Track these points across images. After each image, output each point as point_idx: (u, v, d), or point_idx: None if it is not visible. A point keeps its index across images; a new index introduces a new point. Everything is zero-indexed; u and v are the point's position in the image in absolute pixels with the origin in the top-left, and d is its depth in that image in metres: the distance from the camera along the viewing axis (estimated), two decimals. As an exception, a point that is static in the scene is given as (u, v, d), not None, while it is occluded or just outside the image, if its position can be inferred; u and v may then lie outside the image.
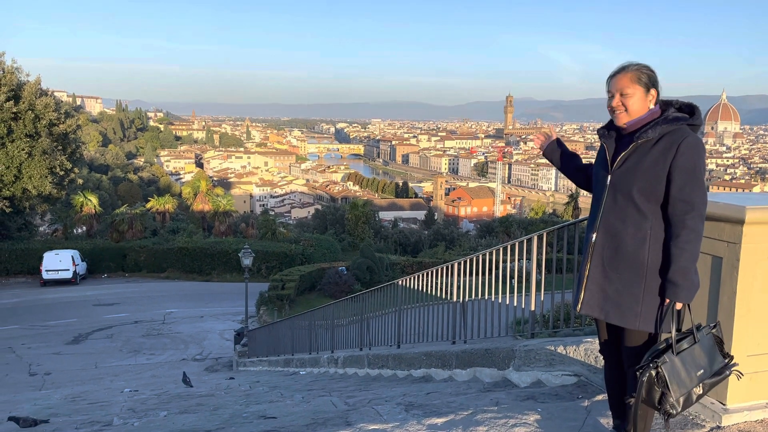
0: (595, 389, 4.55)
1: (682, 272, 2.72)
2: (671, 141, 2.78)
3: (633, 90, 2.87)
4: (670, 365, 2.73)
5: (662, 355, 2.75)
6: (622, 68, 2.92)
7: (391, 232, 54.62)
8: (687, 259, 2.72)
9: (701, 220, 2.77)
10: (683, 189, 2.74)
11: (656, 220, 2.82)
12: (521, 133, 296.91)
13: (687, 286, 2.73)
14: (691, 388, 2.76)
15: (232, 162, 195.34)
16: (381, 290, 10.14)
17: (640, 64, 2.93)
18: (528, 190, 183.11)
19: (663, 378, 2.72)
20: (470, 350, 6.61)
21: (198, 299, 32.20)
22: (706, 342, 2.83)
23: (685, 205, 2.74)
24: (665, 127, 2.81)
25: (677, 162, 2.74)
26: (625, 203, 2.86)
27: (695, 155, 2.75)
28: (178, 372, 15.43)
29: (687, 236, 2.73)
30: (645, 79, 2.88)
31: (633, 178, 2.83)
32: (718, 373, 2.84)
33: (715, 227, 3.67)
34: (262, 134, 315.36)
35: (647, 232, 2.83)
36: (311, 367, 12.46)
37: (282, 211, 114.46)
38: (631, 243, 2.85)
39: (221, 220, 46.67)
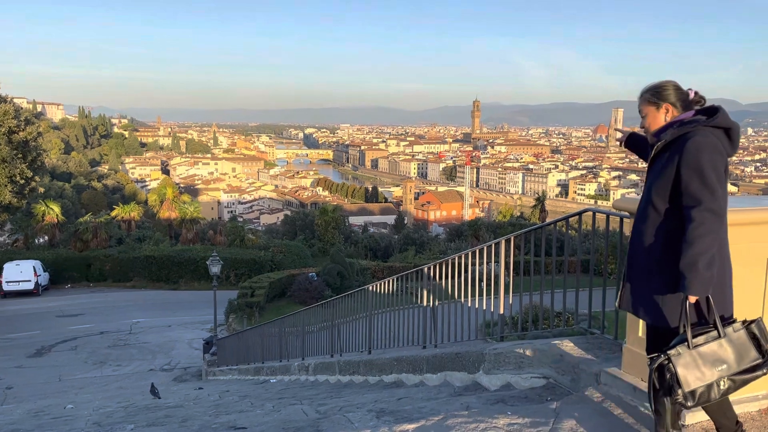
0: (563, 391, 4.61)
1: (690, 265, 2.77)
2: (681, 142, 2.92)
3: (646, 111, 3.16)
4: (681, 358, 2.78)
5: (674, 347, 2.82)
6: (639, 95, 3.19)
7: (361, 237, 54.54)
8: (694, 253, 2.76)
9: (711, 215, 2.79)
10: (689, 186, 2.84)
11: (673, 219, 2.94)
12: (489, 137, 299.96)
13: (695, 278, 2.76)
14: (709, 383, 2.78)
15: (199, 168, 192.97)
16: (351, 296, 10.11)
17: (648, 86, 3.17)
18: (496, 194, 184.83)
19: (672, 369, 2.78)
20: (441, 354, 6.63)
21: (165, 308, 31.66)
22: (737, 338, 2.84)
23: (691, 201, 2.84)
24: (678, 130, 2.96)
25: (682, 161, 2.87)
26: (647, 206, 3.05)
27: (700, 153, 2.84)
28: (146, 383, 15.13)
29: (694, 230, 2.78)
30: (651, 99, 3.12)
31: (652, 182, 3.03)
32: (750, 369, 2.83)
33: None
34: (230, 140, 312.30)
35: (663, 230, 2.97)
36: (282, 374, 12.35)
37: (251, 217, 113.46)
38: (653, 243, 3.00)
39: (188, 227, 45.99)
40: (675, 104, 3.08)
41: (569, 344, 5.06)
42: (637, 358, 4.15)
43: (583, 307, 5.63)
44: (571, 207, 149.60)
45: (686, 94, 3.09)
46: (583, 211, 5.49)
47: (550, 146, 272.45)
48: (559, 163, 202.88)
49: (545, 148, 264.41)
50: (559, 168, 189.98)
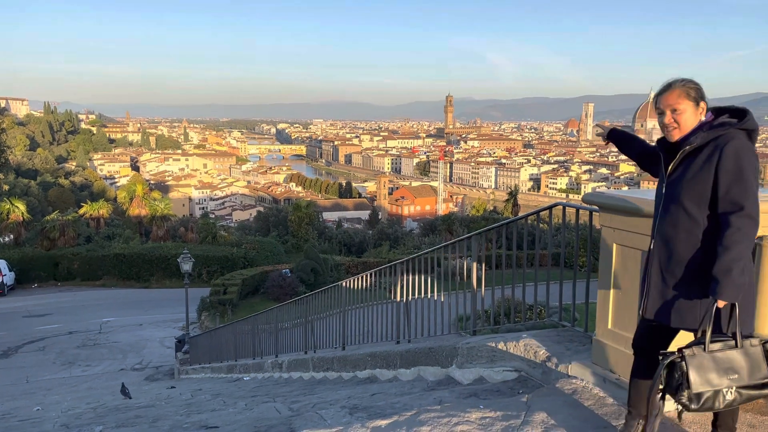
0: (534, 384, 4.65)
1: (724, 270, 2.72)
2: (715, 146, 2.82)
3: (684, 106, 2.92)
4: (695, 358, 2.75)
5: (690, 347, 2.79)
6: (669, 85, 2.97)
7: (335, 232, 54.42)
8: (730, 258, 2.72)
9: (750, 221, 2.76)
10: (729, 191, 2.77)
11: (707, 225, 2.87)
12: (461, 132, 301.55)
13: (727, 284, 2.72)
14: (717, 389, 2.75)
15: (169, 164, 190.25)
16: (325, 292, 10.07)
17: (685, 79, 2.97)
18: (469, 188, 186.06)
19: (684, 368, 2.75)
20: (414, 349, 6.65)
21: (136, 307, 31.19)
22: (753, 352, 2.82)
23: (731, 206, 2.77)
24: (710, 133, 2.86)
25: (722, 165, 2.78)
26: (676, 210, 2.93)
27: (740, 157, 2.78)
28: (116, 383, 14.89)
29: (731, 235, 2.74)
30: (693, 94, 2.93)
31: (682, 186, 2.90)
32: (759, 386, 2.80)
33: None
34: (201, 136, 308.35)
35: (699, 237, 2.88)
36: (255, 372, 12.26)
37: (223, 213, 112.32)
38: (684, 248, 2.91)
39: (159, 224, 45.32)
40: (707, 105, 2.97)
41: (541, 337, 5.11)
42: (606, 350, 4.20)
43: (554, 300, 5.68)
44: (543, 201, 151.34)
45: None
46: (554, 205, 5.53)
47: (523, 141, 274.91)
48: (531, 157, 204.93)
49: (517, 142, 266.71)
50: (532, 162, 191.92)
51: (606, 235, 4.20)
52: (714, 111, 2.98)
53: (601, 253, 4.22)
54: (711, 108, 2.98)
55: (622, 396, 3.96)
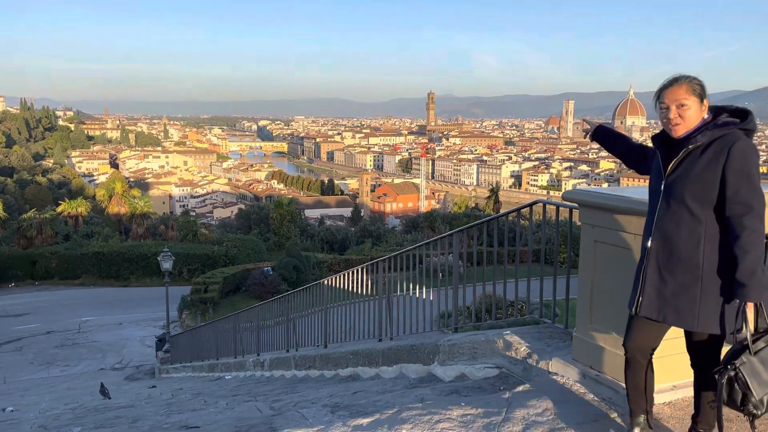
0: (515, 380, 4.68)
1: (750, 273, 2.72)
2: (722, 145, 2.82)
3: (690, 102, 2.91)
4: (748, 365, 2.74)
5: (739, 355, 2.76)
6: (675, 80, 2.95)
7: (317, 230, 54.27)
8: (752, 260, 2.73)
9: (760, 221, 2.78)
10: (739, 192, 2.77)
11: (710, 223, 2.86)
12: (443, 129, 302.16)
13: (755, 285, 2.73)
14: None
15: (149, 162, 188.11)
16: (307, 290, 10.03)
17: (690, 76, 2.95)
18: (451, 185, 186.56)
19: (743, 379, 2.73)
20: (396, 347, 6.65)
21: (116, 306, 30.85)
22: None
23: (742, 208, 2.77)
24: (715, 132, 2.85)
25: (730, 165, 2.78)
26: (678, 208, 2.91)
27: (748, 157, 2.79)
28: (96, 383, 14.72)
29: (748, 237, 2.74)
30: (699, 90, 2.92)
31: (685, 184, 2.88)
32: None
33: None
34: (181, 132, 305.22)
35: (701, 235, 2.87)
36: (237, 371, 12.19)
37: (203, 211, 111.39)
38: (686, 247, 2.90)
39: (139, 222, 44.84)
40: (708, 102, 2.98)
41: (522, 334, 5.14)
42: (585, 347, 4.24)
43: (535, 296, 5.72)
44: (525, 198, 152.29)
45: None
46: (534, 202, 5.56)
47: (504, 138, 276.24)
48: (513, 154, 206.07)
49: (499, 139, 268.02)
50: (513, 159, 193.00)
51: (585, 233, 4.23)
52: (712, 110, 2.98)
53: (581, 251, 4.25)
54: (710, 107, 2.98)
55: (602, 392, 4.00)
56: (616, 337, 3.97)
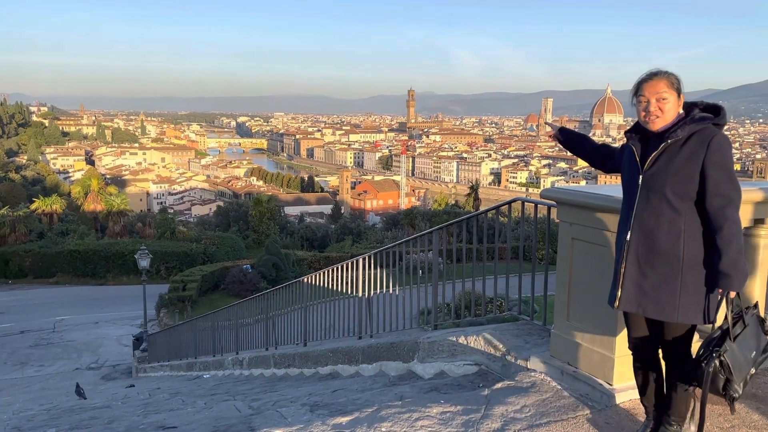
0: (494, 377, 4.70)
1: (733, 263, 2.81)
2: (701, 139, 2.88)
3: (669, 95, 2.96)
4: (731, 352, 2.84)
5: (722, 343, 2.86)
6: (655, 74, 2.99)
7: (297, 227, 54.01)
8: (735, 250, 2.81)
9: (737, 212, 2.87)
10: (719, 185, 2.84)
11: (689, 216, 2.93)
12: (423, 126, 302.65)
13: (738, 274, 2.82)
14: (748, 371, 2.89)
15: (126, 158, 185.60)
16: (287, 288, 9.98)
17: (668, 71, 3.01)
18: (431, 183, 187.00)
19: (727, 365, 2.83)
20: (376, 345, 6.64)
21: (92, 304, 30.42)
22: (752, 324, 2.96)
23: (723, 200, 2.84)
24: (693, 127, 2.92)
25: (709, 159, 2.84)
26: (658, 202, 2.94)
27: (725, 152, 2.87)
28: (71, 383, 14.51)
29: (730, 228, 2.82)
30: (677, 85, 2.98)
31: (665, 177, 2.92)
32: (764, 350, 2.96)
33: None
34: (158, 129, 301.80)
35: (681, 227, 2.92)
36: (215, 369, 12.10)
37: (181, 208, 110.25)
38: (666, 239, 2.94)
39: (115, 220, 44.26)
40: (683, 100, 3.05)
41: (500, 331, 5.16)
42: (563, 343, 4.27)
43: (514, 293, 5.75)
44: (504, 195, 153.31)
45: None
46: (513, 200, 5.59)
47: (483, 135, 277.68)
48: (492, 151, 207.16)
49: (478, 137, 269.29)
50: (492, 157, 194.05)
51: (563, 230, 4.26)
52: (684, 106, 3.03)
53: (559, 248, 4.28)
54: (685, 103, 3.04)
55: (579, 388, 4.03)
56: (593, 334, 4.01)
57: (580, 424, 3.62)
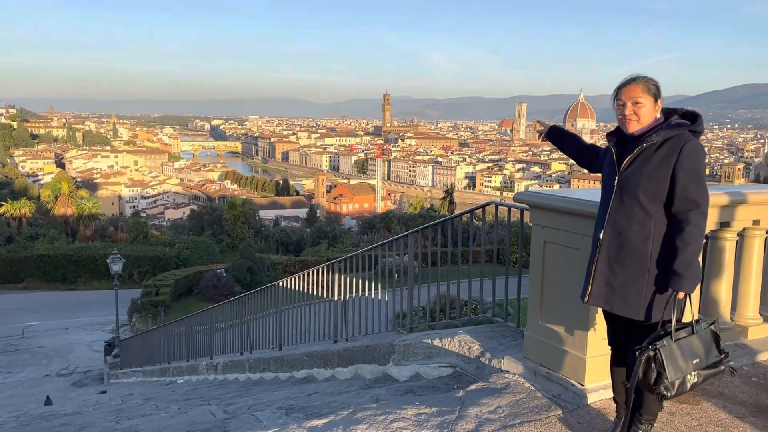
0: (469, 379, 4.75)
1: (687, 264, 2.90)
2: (674, 145, 2.98)
3: (645, 100, 3.06)
4: (668, 349, 2.92)
5: (661, 339, 2.94)
6: (633, 79, 3.09)
7: (272, 231, 53.73)
8: (691, 253, 2.91)
9: (704, 218, 2.95)
10: (687, 189, 2.93)
11: (659, 218, 3.02)
12: (399, 130, 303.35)
13: (690, 276, 2.91)
14: (686, 374, 2.94)
15: (97, 161, 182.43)
16: (262, 292, 9.93)
17: (647, 76, 3.10)
18: (407, 186, 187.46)
19: (660, 360, 2.90)
20: (352, 348, 6.65)
21: (62, 310, 29.85)
22: (704, 335, 3.03)
23: (689, 204, 2.93)
24: (668, 132, 3.01)
25: (680, 164, 2.94)
26: (631, 203, 3.05)
27: (697, 158, 2.95)
28: (41, 390, 14.26)
29: (691, 231, 2.92)
30: (654, 90, 3.07)
31: (638, 180, 3.02)
32: (713, 365, 3.01)
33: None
34: (131, 132, 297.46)
35: (651, 229, 3.02)
36: (189, 374, 11.97)
37: (154, 212, 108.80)
38: (636, 240, 3.05)
39: (87, 224, 43.58)
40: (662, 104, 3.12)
41: (475, 333, 5.22)
42: (536, 345, 4.34)
43: (488, 295, 5.81)
44: (479, 198, 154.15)
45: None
46: (487, 204, 5.66)
47: (458, 140, 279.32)
48: (467, 156, 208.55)
49: (453, 141, 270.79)
50: (467, 161, 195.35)
51: (536, 233, 4.33)
52: (664, 111, 3.13)
53: (532, 251, 4.35)
54: (662, 108, 3.13)
55: (552, 388, 4.10)
56: (565, 335, 4.08)
57: (552, 424, 3.69)
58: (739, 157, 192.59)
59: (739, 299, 4.89)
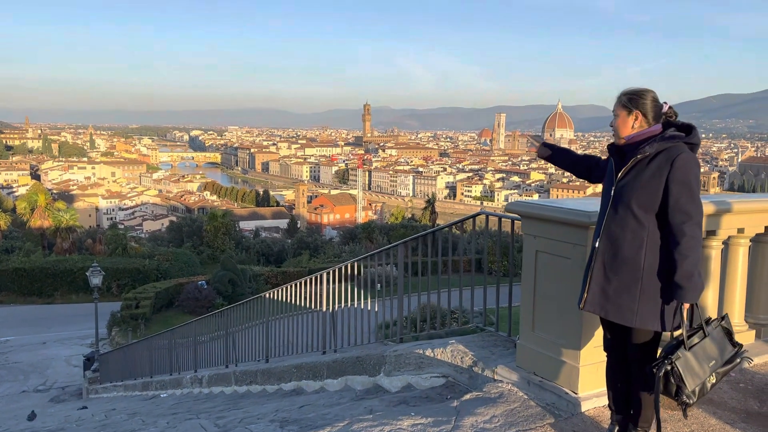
0: (462, 389, 4.76)
1: (687, 276, 2.96)
2: (667, 157, 3.05)
3: (618, 112, 3.22)
4: (683, 360, 2.98)
5: (675, 351, 3.00)
6: (618, 95, 3.24)
7: (253, 242, 53.37)
8: (690, 264, 2.96)
9: (698, 228, 3.01)
10: (679, 200, 3.00)
11: (652, 228, 3.09)
12: (380, 140, 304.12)
13: (692, 287, 2.97)
14: (704, 379, 3.00)
15: (74, 173, 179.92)
16: (247, 304, 9.86)
17: (626, 90, 3.23)
18: (388, 196, 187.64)
19: (678, 372, 2.96)
20: (341, 359, 6.63)
21: (39, 324, 29.32)
22: (716, 335, 3.10)
23: (682, 215, 3.00)
24: (662, 144, 3.08)
25: (673, 176, 3.01)
26: (625, 213, 3.14)
27: (689, 170, 3.02)
28: (18, 406, 13.97)
29: (687, 243, 2.97)
30: (625, 102, 3.19)
31: (632, 191, 3.12)
32: (729, 361, 3.09)
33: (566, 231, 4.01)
34: (108, 143, 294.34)
35: (644, 239, 3.10)
36: (173, 388, 11.81)
37: (133, 224, 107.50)
38: (629, 249, 3.13)
39: (64, 236, 42.89)
40: (646, 114, 3.17)
41: (466, 342, 5.23)
42: (529, 353, 4.37)
43: (479, 305, 5.84)
44: (459, 208, 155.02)
45: (660, 107, 3.20)
46: (477, 214, 5.70)
47: (439, 149, 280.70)
48: (447, 165, 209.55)
49: (434, 151, 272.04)
50: (447, 171, 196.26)
51: (527, 243, 4.37)
52: (664, 123, 3.22)
53: (524, 260, 4.39)
54: (663, 121, 3.21)
55: (545, 397, 4.14)
56: (558, 344, 4.12)
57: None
58: (714, 166, 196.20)
59: (725, 307, 4.97)
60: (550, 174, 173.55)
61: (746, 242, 4.96)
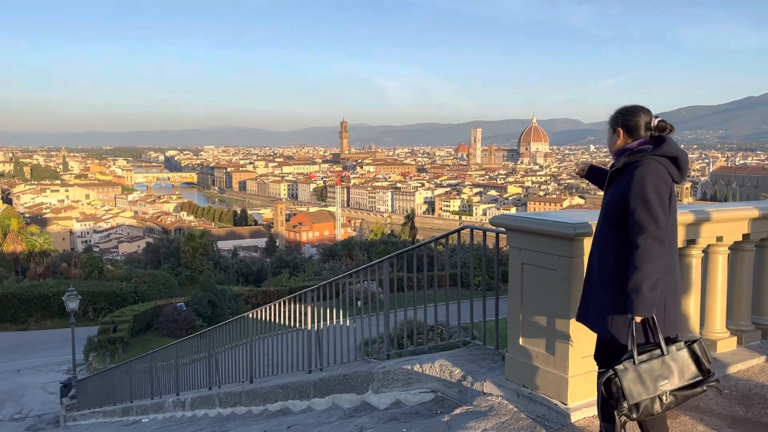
0: (452, 403, 4.76)
1: (635, 288, 2.98)
2: (631, 170, 3.11)
3: (608, 130, 3.35)
4: (626, 372, 2.97)
5: (622, 362, 2.99)
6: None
7: (231, 262, 52.82)
8: (639, 277, 2.96)
9: (654, 241, 2.98)
10: (634, 213, 3.04)
11: (619, 242, 3.15)
12: (357, 157, 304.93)
13: (640, 301, 2.96)
14: (651, 397, 2.95)
15: (47, 196, 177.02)
16: (230, 324, 9.76)
17: (621, 107, 3.30)
18: (367, 213, 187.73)
19: (618, 383, 2.96)
20: (328, 378, 6.58)
21: (13, 351, 28.58)
22: (678, 356, 3.01)
23: (636, 228, 3.03)
24: (629, 158, 3.14)
25: (631, 189, 3.07)
26: (600, 227, 3.29)
27: (643, 182, 3.03)
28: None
29: (639, 256, 2.99)
30: (610, 119, 3.31)
31: (604, 205, 3.27)
32: (691, 386, 2.99)
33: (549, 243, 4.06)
34: (82, 165, 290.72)
35: (612, 252, 3.18)
36: (155, 412, 11.59)
37: (108, 246, 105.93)
38: (599, 261, 3.25)
39: (38, 260, 42.05)
40: (629, 130, 3.21)
41: (454, 357, 5.24)
42: (518, 366, 4.39)
43: (466, 319, 5.85)
44: (438, 223, 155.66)
45: (646, 122, 3.19)
46: (462, 228, 5.74)
47: (416, 165, 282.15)
48: (425, 181, 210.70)
49: (411, 167, 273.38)
50: (426, 186, 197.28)
51: (513, 256, 4.41)
52: (655, 138, 3.20)
53: (510, 273, 4.42)
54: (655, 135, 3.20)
55: (535, 409, 4.15)
56: (546, 355, 4.15)
57: (539, 444, 3.72)
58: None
59: (706, 314, 5.07)
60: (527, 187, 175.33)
61: (725, 250, 5.06)
